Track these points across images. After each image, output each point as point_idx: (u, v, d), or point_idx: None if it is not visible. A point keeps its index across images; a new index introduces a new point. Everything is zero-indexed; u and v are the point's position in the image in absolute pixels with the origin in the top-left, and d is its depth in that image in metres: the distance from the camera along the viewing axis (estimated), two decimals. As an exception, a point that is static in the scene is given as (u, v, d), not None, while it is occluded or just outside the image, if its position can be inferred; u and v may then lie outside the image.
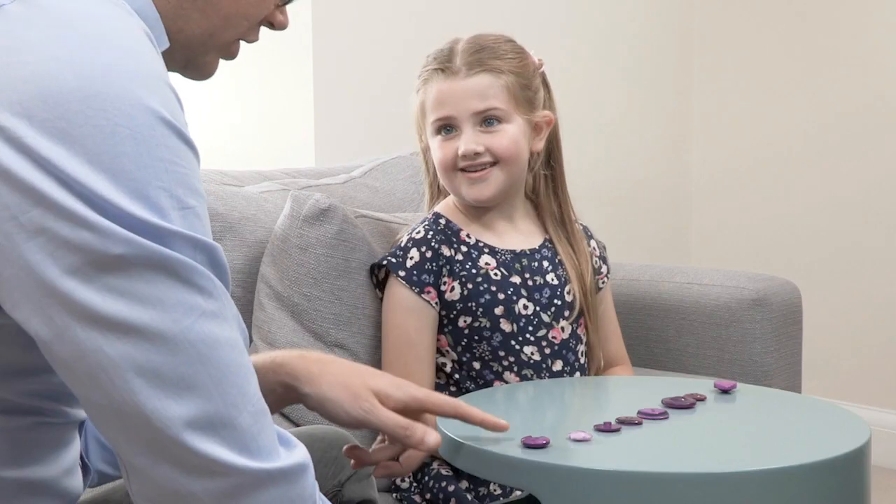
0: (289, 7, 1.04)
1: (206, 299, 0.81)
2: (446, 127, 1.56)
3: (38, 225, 0.77)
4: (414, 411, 1.12)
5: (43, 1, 0.80)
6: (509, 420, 1.25)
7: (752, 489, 1.02)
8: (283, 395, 1.12)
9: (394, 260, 1.57)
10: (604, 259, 1.72)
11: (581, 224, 1.70)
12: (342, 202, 1.71)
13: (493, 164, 1.55)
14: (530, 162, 1.61)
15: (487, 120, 1.54)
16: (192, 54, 0.98)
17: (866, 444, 1.10)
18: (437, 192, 1.67)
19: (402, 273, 1.55)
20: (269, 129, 2.54)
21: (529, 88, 1.58)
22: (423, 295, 1.55)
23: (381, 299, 1.62)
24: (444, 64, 1.55)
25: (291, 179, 1.87)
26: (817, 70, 3.03)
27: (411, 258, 1.56)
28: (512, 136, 1.55)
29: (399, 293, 1.56)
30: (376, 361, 1.63)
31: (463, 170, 1.55)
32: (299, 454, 0.87)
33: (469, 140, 1.53)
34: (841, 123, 2.99)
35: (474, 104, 1.53)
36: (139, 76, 0.80)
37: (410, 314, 1.55)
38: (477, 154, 1.53)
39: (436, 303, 1.55)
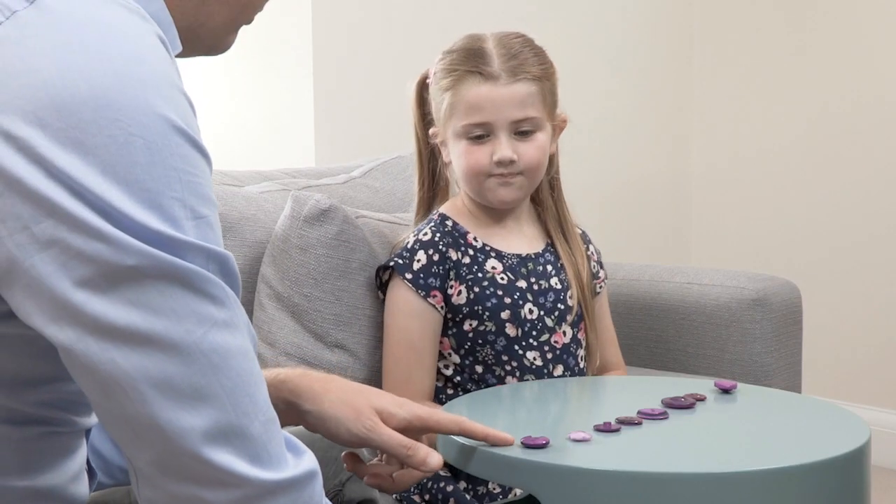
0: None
1: (218, 309, 0.81)
2: (478, 134, 1.53)
3: (51, 236, 0.76)
4: (417, 430, 1.11)
5: (56, 6, 0.79)
6: (510, 420, 1.24)
7: (752, 489, 1.02)
8: (285, 412, 1.11)
9: (400, 261, 1.56)
10: (601, 264, 1.71)
11: (580, 229, 1.70)
12: (342, 202, 1.71)
13: (520, 173, 1.54)
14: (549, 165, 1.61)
15: (522, 128, 1.53)
16: (216, 40, 0.98)
17: (866, 444, 1.10)
18: (432, 190, 1.65)
19: (408, 275, 1.54)
20: (269, 129, 2.54)
21: (554, 92, 1.57)
22: (428, 299, 1.54)
23: (383, 301, 1.61)
24: (480, 67, 1.51)
25: (291, 179, 1.87)
26: (817, 70, 3.03)
27: (418, 260, 1.55)
28: (542, 145, 1.55)
29: (404, 296, 1.55)
30: (376, 361, 1.63)
31: (494, 174, 1.54)
32: (308, 462, 0.87)
33: (506, 147, 1.51)
34: (841, 123, 2.99)
35: (513, 113, 1.51)
36: (153, 84, 0.79)
37: (414, 318, 1.54)
38: (512, 162, 1.52)
39: (441, 307, 1.54)
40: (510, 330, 1.54)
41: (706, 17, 3.25)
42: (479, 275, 1.55)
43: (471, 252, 1.57)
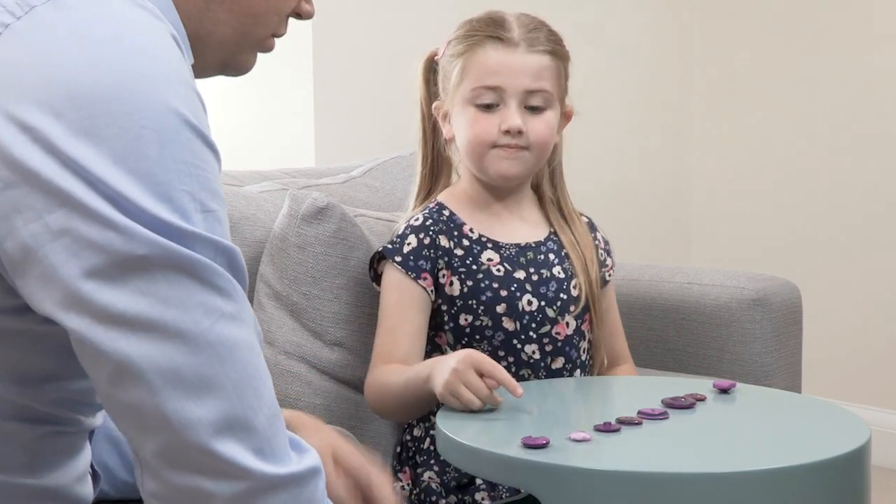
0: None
1: (225, 301, 0.82)
2: (488, 102, 1.49)
3: (63, 225, 0.78)
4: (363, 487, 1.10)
5: (73, 3, 0.81)
6: (510, 420, 1.24)
7: (752, 489, 1.02)
8: None
9: (390, 246, 1.53)
10: (608, 252, 1.67)
11: (586, 217, 1.67)
12: (342, 202, 1.70)
13: (525, 148, 1.50)
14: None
15: (532, 101, 1.50)
16: (227, 54, 0.99)
17: (866, 444, 1.10)
18: (434, 170, 1.61)
19: (398, 258, 1.52)
20: (269, 129, 2.54)
21: (567, 76, 1.56)
22: (419, 281, 1.51)
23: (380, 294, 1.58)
24: (499, 32, 1.49)
25: (291, 179, 1.87)
26: (817, 70, 3.03)
27: (408, 244, 1.52)
28: (550, 123, 1.52)
29: (393, 277, 1.53)
30: (376, 361, 1.63)
31: (500, 145, 1.50)
32: (311, 459, 0.88)
33: (515, 116, 1.48)
34: (841, 123, 2.99)
35: (527, 82, 1.48)
36: (165, 79, 0.81)
37: (398, 291, 1.51)
38: (520, 132, 1.48)
39: (431, 290, 1.51)
40: (507, 324, 1.51)
41: (706, 16, 3.25)
42: (474, 267, 1.52)
43: (465, 243, 1.54)
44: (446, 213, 1.56)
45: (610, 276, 1.66)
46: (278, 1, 0.99)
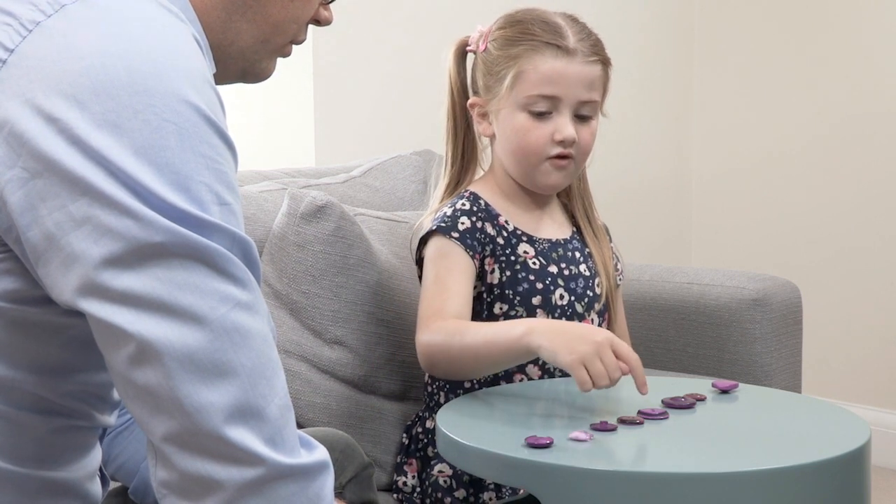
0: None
1: (241, 290, 0.84)
2: (542, 109, 1.48)
3: (85, 213, 0.81)
4: None
5: (101, 1, 0.85)
6: (511, 419, 1.24)
7: (752, 489, 1.02)
8: None
9: (444, 224, 1.50)
10: (618, 258, 1.68)
11: (602, 222, 1.68)
12: (342, 202, 1.70)
13: (572, 158, 1.51)
14: None
15: (583, 111, 1.51)
16: (248, 63, 1.02)
17: (866, 444, 1.10)
18: (465, 162, 1.59)
19: (454, 234, 1.49)
20: (269, 129, 2.54)
21: (608, 81, 1.57)
22: (473, 259, 1.49)
23: (420, 277, 1.54)
24: (557, 40, 1.49)
25: (291, 179, 1.87)
26: (818, 71, 3.03)
27: (462, 223, 1.50)
28: (595, 131, 1.54)
29: (443, 246, 1.49)
30: (376, 357, 1.63)
31: (551, 157, 1.50)
32: (320, 453, 0.90)
33: (570, 126, 1.49)
34: (841, 124, 2.99)
35: (582, 93, 1.50)
36: (187, 76, 0.84)
37: (447, 259, 1.48)
38: (573, 142, 1.49)
39: (479, 271, 1.50)
40: (540, 316, 1.50)
41: (707, 16, 3.25)
42: (512, 258, 1.52)
43: (504, 234, 1.53)
44: (482, 202, 1.55)
45: (621, 279, 1.67)
46: (298, 9, 1.02)
